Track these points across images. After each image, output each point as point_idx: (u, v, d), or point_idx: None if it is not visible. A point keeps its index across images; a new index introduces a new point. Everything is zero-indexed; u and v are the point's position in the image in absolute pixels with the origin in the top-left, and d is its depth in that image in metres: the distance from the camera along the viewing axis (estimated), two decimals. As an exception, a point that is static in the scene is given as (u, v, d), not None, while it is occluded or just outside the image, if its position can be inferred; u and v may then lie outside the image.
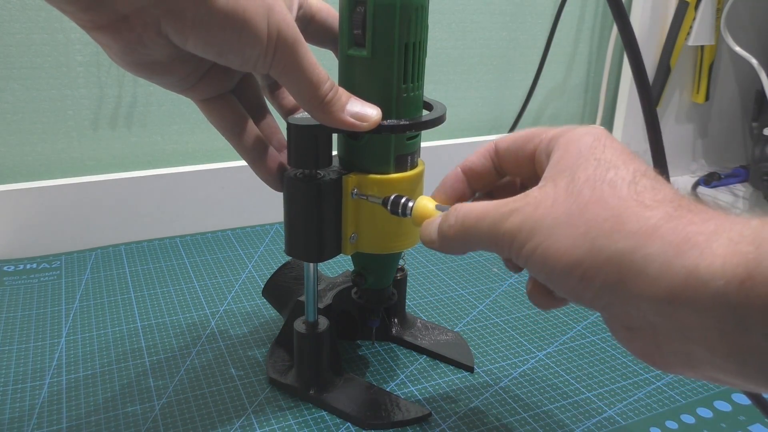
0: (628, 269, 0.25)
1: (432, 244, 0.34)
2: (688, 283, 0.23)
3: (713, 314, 0.22)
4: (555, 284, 0.28)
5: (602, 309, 0.27)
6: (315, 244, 0.39)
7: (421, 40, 0.37)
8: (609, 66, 0.93)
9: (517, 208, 0.29)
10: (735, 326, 0.22)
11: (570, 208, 0.27)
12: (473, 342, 0.51)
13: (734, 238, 0.23)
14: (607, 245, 0.25)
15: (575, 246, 0.26)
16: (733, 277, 0.22)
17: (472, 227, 0.31)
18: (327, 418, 0.42)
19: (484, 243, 0.31)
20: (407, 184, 0.40)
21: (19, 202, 0.63)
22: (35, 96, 0.64)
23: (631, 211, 0.26)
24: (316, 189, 0.38)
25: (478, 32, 0.84)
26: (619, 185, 0.27)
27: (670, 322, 0.24)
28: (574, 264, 0.26)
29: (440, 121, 0.39)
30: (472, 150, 0.37)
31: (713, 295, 0.22)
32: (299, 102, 0.35)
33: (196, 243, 0.68)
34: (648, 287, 0.24)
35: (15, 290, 0.57)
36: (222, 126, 0.39)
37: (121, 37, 0.29)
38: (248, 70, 0.33)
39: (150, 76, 0.33)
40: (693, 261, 0.23)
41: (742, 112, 0.99)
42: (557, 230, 0.27)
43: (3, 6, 0.60)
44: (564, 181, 0.28)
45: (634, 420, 0.43)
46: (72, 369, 0.46)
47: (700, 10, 0.83)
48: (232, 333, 0.51)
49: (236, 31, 0.30)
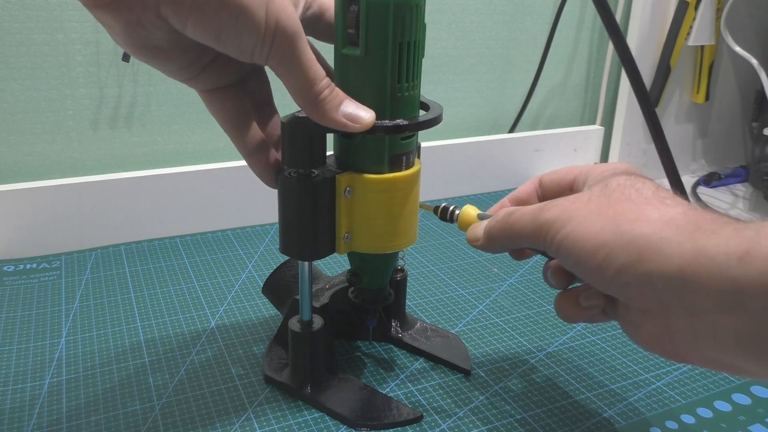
0: (646, 248, 0.28)
1: (476, 242, 0.39)
2: (695, 259, 0.26)
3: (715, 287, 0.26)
4: (581, 265, 0.31)
5: (620, 290, 0.30)
6: (309, 243, 0.39)
7: (417, 39, 0.37)
8: (609, 66, 0.93)
9: (555, 203, 0.34)
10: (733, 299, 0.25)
11: (601, 203, 0.32)
12: (473, 342, 0.51)
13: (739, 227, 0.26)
14: (630, 230, 0.29)
15: (603, 230, 0.30)
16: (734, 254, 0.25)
17: (516, 221, 0.36)
18: (327, 418, 0.42)
19: (525, 234, 0.35)
20: (402, 183, 0.40)
21: (19, 202, 0.63)
22: (35, 96, 0.64)
23: (654, 206, 0.30)
24: (310, 188, 0.38)
25: (478, 32, 0.84)
26: (644, 191, 0.32)
27: (679, 300, 0.27)
28: (600, 245, 0.30)
29: (435, 122, 0.39)
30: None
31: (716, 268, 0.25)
32: (294, 97, 0.35)
33: (196, 243, 0.68)
34: (662, 263, 0.28)
35: (15, 290, 0.57)
36: (221, 117, 0.39)
37: (121, 17, 0.30)
38: (247, 59, 0.33)
39: (152, 60, 0.34)
40: (702, 242, 0.27)
41: (742, 112, 0.99)
42: (588, 218, 0.31)
43: (3, 6, 0.60)
44: (598, 187, 0.34)
45: (634, 420, 0.43)
46: (72, 369, 0.46)
47: (700, 10, 0.83)
48: (232, 333, 0.51)
49: (233, 16, 0.30)
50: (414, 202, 0.41)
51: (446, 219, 0.43)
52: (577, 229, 0.31)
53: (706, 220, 0.28)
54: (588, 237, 0.30)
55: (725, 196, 0.89)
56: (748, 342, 0.26)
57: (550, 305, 0.57)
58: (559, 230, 0.32)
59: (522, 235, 0.35)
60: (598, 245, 0.30)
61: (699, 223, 0.28)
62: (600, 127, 0.93)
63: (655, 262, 0.28)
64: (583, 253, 0.31)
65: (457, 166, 0.83)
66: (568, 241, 0.32)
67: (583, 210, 0.32)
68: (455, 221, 0.42)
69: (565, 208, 0.33)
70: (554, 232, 0.32)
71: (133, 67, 0.67)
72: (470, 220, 0.41)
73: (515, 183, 0.80)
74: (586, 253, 0.30)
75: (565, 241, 0.32)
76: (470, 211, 0.41)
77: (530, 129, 0.94)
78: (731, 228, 0.26)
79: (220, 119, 0.39)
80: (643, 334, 0.31)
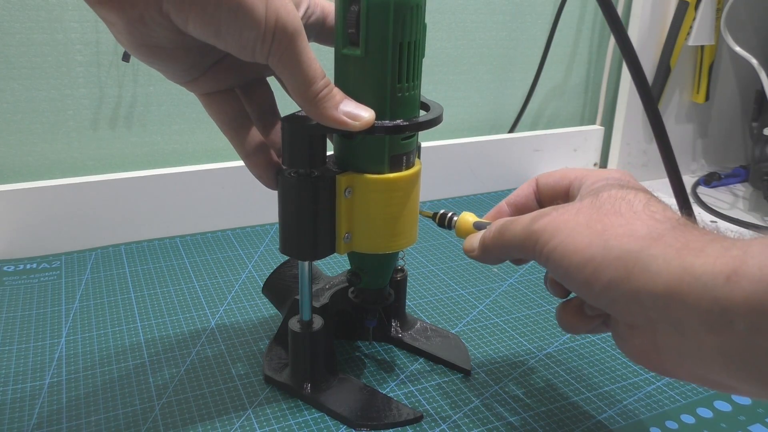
0: (634, 266, 0.28)
1: (471, 253, 0.39)
2: (682, 278, 0.26)
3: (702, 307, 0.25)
4: (569, 278, 0.31)
5: (608, 305, 0.30)
6: (308, 243, 0.39)
7: (417, 39, 0.37)
8: (609, 66, 0.93)
9: (545, 213, 0.34)
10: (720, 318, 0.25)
11: (590, 216, 0.31)
12: (473, 342, 0.51)
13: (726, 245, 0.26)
14: (617, 245, 0.29)
15: (591, 244, 0.30)
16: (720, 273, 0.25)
17: (507, 231, 0.36)
18: (327, 418, 0.42)
19: (516, 244, 0.35)
20: (402, 183, 0.40)
21: (19, 202, 0.63)
22: (35, 96, 0.64)
23: (642, 221, 0.30)
24: (310, 188, 0.38)
25: (478, 32, 0.84)
26: (635, 204, 0.31)
27: (666, 317, 0.27)
28: (588, 259, 0.30)
29: (435, 122, 0.39)
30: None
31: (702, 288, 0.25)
32: (293, 95, 0.35)
33: (196, 243, 0.68)
34: (649, 282, 0.27)
35: (15, 290, 0.57)
36: (220, 120, 0.39)
37: (124, 14, 0.30)
38: (248, 57, 0.33)
39: (154, 61, 0.34)
40: (689, 260, 0.26)
41: (742, 112, 0.99)
42: (577, 231, 0.31)
43: (3, 6, 0.60)
44: (589, 198, 0.33)
45: (634, 420, 0.43)
46: (72, 369, 0.46)
47: (700, 10, 0.83)
48: (232, 333, 0.51)
49: (233, 10, 0.30)
50: (414, 202, 0.41)
51: (444, 226, 0.43)
52: (566, 242, 0.31)
53: (694, 236, 0.28)
54: (576, 250, 0.30)
55: (725, 196, 0.89)
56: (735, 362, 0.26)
57: (550, 305, 0.57)
58: (548, 242, 0.32)
59: (513, 245, 0.35)
60: (585, 259, 0.30)
61: (687, 240, 0.28)
62: (600, 127, 0.93)
63: (642, 280, 0.28)
64: (571, 267, 0.31)
65: (457, 166, 0.83)
66: (556, 254, 0.31)
67: (572, 222, 0.32)
68: (453, 228, 0.42)
69: (554, 219, 0.33)
70: (543, 244, 0.32)
71: (133, 67, 0.67)
72: (467, 228, 0.41)
73: (515, 183, 0.80)
74: (575, 267, 0.30)
75: (554, 253, 0.32)
76: (468, 219, 0.42)
77: (530, 129, 0.94)
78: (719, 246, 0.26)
79: (219, 122, 0.39)
80: (631, 347, 0.31)
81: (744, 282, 0.24)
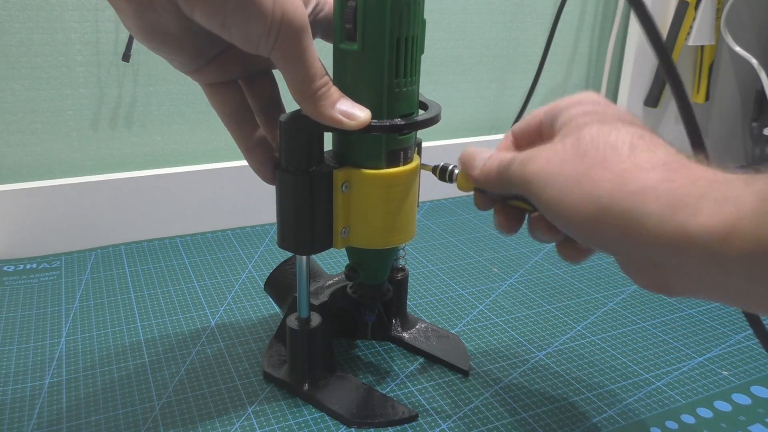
0: (630, 224, 0.28)
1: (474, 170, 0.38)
2: (679, 238, 0.27)
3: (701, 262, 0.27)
4: (570, 233, 0.32)
5: (612, 253, 0.32)
6: (306, 237, 0.39)
7: (415, 35, 0.37)
8: (609, 66, 0.93)
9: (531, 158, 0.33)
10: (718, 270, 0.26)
11: (577, 169, 0.31)
12: (473, 342, 0.51)
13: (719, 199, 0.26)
14: (610, 204, 0.29)
15: (583, 203, 0.30)
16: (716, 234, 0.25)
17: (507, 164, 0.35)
18: (327, 418, 0.42)
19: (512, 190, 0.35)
20: (400, 179, 0.40)
21: (19, 202, 0.63)
22: (35, 96, 0.64)
23: (630, 173, 0.29)
24: (307, 183, 0.38)
25: (478, 32, 0.84)
26: (619, 148, 0.30)
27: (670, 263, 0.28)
28: (584, 219, 0.30)
29: (432, 121, 0.39)
30: None
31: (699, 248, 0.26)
32: (292, 92, 0.35)
33: (196, 243, 0.68)
34: (648, 238, 0.28)
35: (15, 290, 0.57)
36: (222, 111, 0.39)
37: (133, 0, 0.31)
38: (253, 49, 0.33)
39: (161, 48, 0.34)
40: (684, 219, 0.27)
41: (742, 112, 0.99)
42: (567, 187, 0.31)
43: (3, 6, 0.60)
44: (570, 140, 0.32)
45: (634, 420, 0.43)
46: (72, 369, 0.46)
47: (700, 10, 0.83)
48: (232, 332, 0.51)
49: (240, 1, 0.30)
50: (412, 197, 0.41)
51: (445, 179, 0.42)
52: (558, 197, 0.31)
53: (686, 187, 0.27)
54: (571, 211, 0.30)
55: (725, 196, 0.89)
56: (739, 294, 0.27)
57: (550, 305, 0.57)
58: (540, 194, 0.32)
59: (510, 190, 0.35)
60: (582, 219, 0.30)
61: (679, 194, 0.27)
62: (600, 127, 0.93)
63: (641, 237, 0.28)
64: (568, 224, 0.31)
65: (457, 166, 0.83)
66: (551, 210, 0.32)
67: (560, 177, 0.31)
68: (454, 181, 0.41)
69: (541, 168, 0.32)
70: (535, 196, 0.32)
71: (133, 67, 0.67)
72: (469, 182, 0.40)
73: (515, 183, 0.80)
74: (572, 224, 0.31)
75: (549, 208, 0.32)
76: None
77: (530, 129, 0.94)
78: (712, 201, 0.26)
79: (221, 113, 0.39)
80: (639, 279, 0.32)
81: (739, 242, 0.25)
